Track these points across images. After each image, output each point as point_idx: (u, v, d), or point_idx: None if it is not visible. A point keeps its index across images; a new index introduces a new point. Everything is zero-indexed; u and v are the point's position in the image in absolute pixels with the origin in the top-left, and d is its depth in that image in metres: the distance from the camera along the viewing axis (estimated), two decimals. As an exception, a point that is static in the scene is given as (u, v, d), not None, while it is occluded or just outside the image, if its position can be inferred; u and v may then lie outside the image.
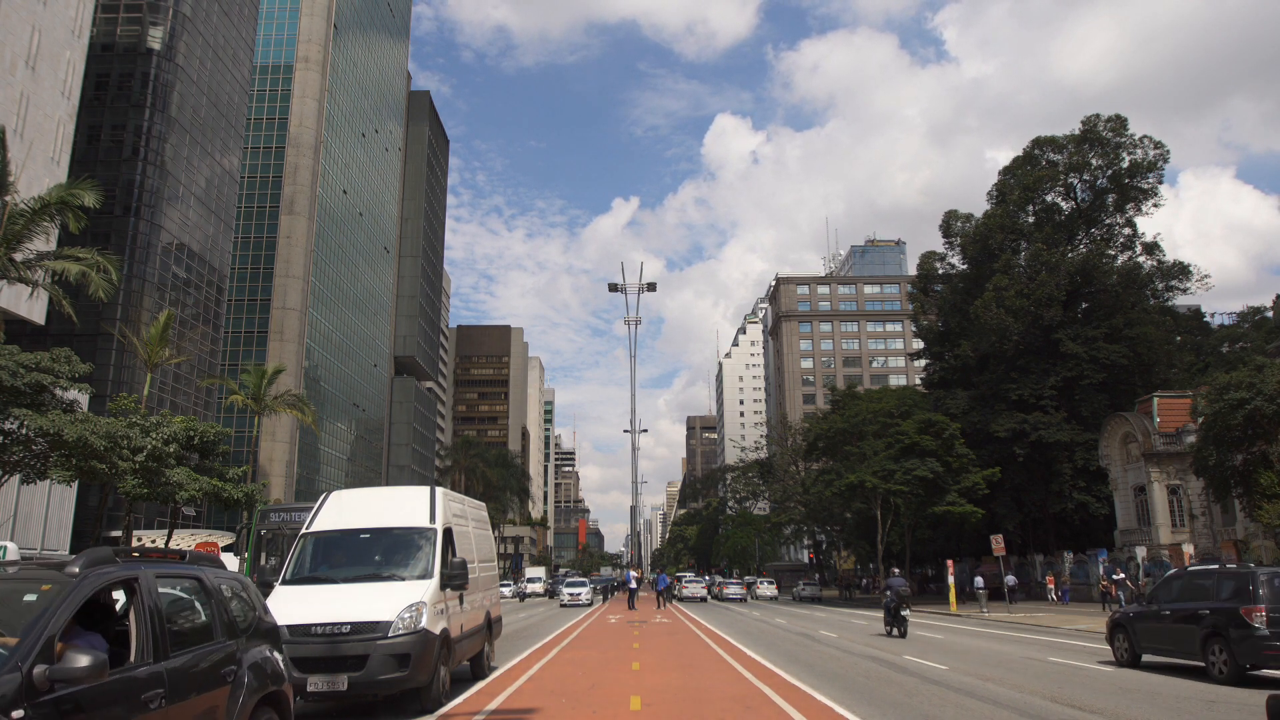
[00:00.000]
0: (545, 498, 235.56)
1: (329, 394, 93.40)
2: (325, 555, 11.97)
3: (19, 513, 46.73)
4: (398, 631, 10.20)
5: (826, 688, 13.18)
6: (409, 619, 10.35)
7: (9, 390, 21.78)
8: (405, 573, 11.39)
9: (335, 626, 10.14)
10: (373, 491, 13.72)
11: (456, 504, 13.92)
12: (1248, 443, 29.47)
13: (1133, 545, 43.45)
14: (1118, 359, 50.93)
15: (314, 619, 10.19)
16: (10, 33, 47.80)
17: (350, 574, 11.58)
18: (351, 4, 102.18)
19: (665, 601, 45.62)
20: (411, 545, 11.82)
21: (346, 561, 11.91)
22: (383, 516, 12.35)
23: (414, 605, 10.48)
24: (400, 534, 12.02)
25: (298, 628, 10.04)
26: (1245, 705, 11.68)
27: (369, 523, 12.26)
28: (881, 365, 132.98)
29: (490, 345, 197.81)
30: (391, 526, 12.12)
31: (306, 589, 11.12)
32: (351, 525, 12.19)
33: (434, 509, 12.24)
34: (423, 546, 11.74)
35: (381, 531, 12.12)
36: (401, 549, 11.84)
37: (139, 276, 61.78)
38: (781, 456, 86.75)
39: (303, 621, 10.14)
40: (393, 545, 11.95)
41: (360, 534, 12.14)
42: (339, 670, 9.94)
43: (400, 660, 10.07)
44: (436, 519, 12.06)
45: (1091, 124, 54.98)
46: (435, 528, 11.92)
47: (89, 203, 27.70)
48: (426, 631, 10.44)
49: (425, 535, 11.86)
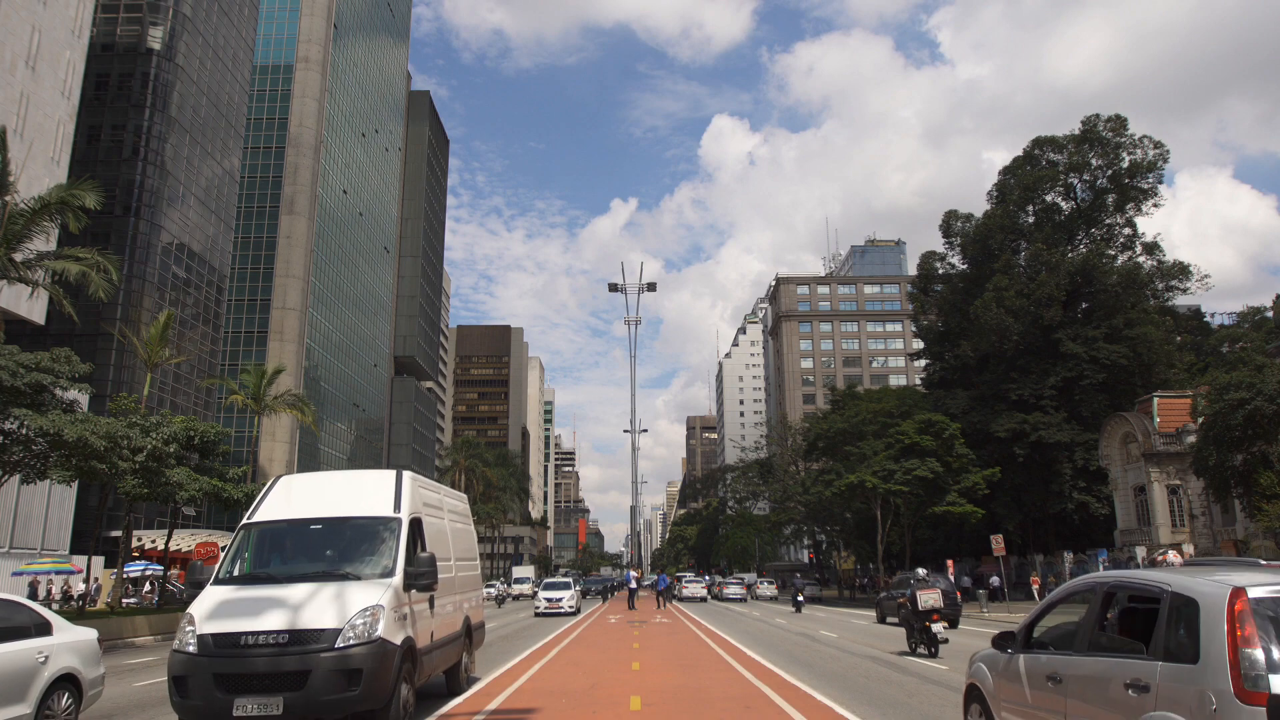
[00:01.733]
0: (545, 498, 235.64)
1: (329, 394, 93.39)
2: (267, 550, 10.33)
3: (19, 513, 46.74)
4: (348, 641, 8.57)
5: (826, 688, 13.18)
6: (362, 626, 8.70)
7: (9, 390, 21.77)
8: (362, 571, 9.64)
9: (270, 636, 8.52)
10: (329, 476, 11.78)
11: (430, 492, 12.13)
12: (1248, 443, 29.48)
13: (1133, 545, 43.45)
14: (1118, 359, 50.91)
15: (244, 627, 8.60)
16: (10, 33, 47.79)
17: (296, 572, 9.73)
18: (352, 4, 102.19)
19: (665, 601, 45.62)
20: (371, 538, 10.07)
21: (292, 557, 10.20)
22: (338, 504, 10.51)
23: (369, 610, 8.83)
24: (358, 525, 10.24)
25: (223, 638, 8.56)
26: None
27: (322, 511, 10.41)
28: (881, 365, 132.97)
29: (490, 345, 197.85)
30: (348, 516, 10.31)
31: (241, 590, 9.42)
32: (301, 514, 10.38)
33: (399, 496, 10.46)
34: (384, 540, 9.97)
35: (336, 522, 10.31)
36: (358, 542, 10.10)
37: (139, 276, 61.77)
38: (781, 456, 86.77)
39: (229, 630, 8.60)
40: (348, 538, 10.20)
41: (310, 525, 10.32)
42: (273, 690, 8.34)
43: (350, 677, 8.47)
44: (402, 508, 10.29)
45: (1091, 124, 55.00)
46: (400, 518, 10.14)
47: (89, 204, 27.69)
48: (384, 641, 8.78)
49: (388, 526, 10.08)
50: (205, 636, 8.60)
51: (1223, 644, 4.88)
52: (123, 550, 33.76)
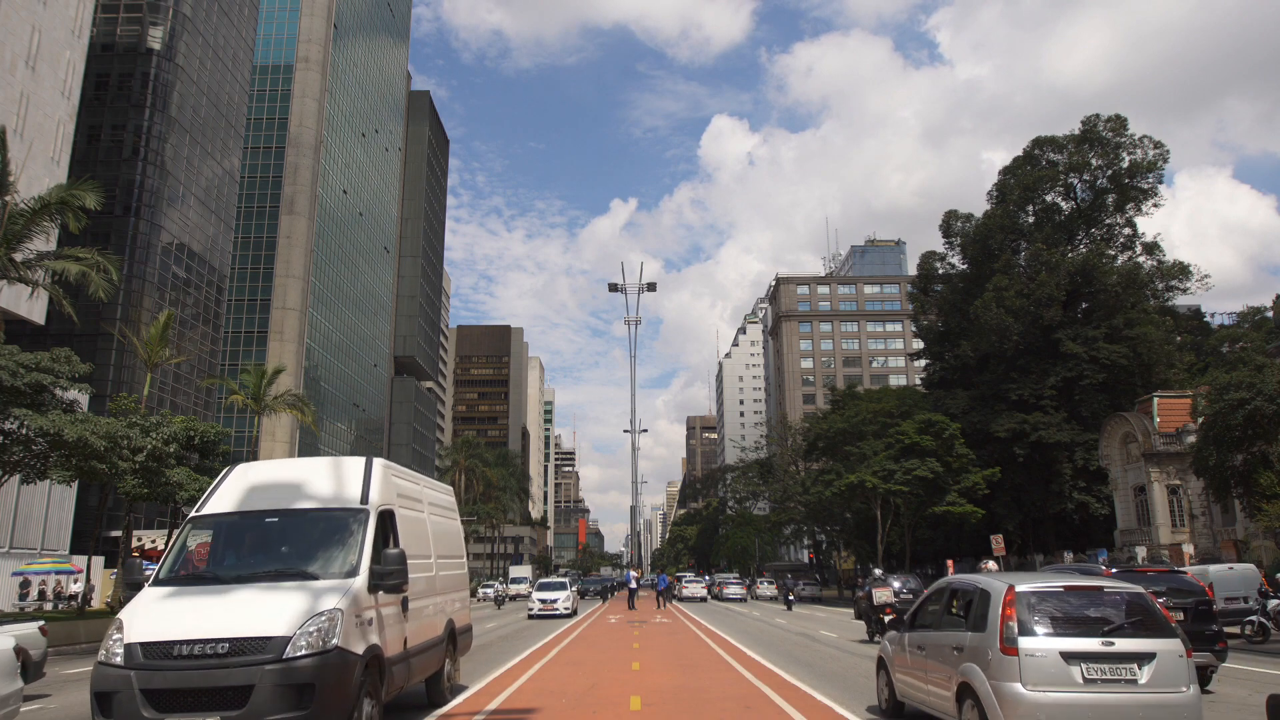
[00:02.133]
0: (545, 498, 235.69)
1: (329, 394, 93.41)
2: (216, 546, 9.33)
3: (19, 513, 46.74)
4: (298, 651, 7.56)
5: (826, 687, 13.19)
6: (316, 633, 7.68)
7: (9, 390, 21.78)
8: (321, 569, 8.62)
9: (207, 645, 7.53)
10: (292, 463, 10.62)
11: (407, 482, 11.06)
12: (1248, 443, 29.45)
13: (1133, 545, 43.45)
14: (1118, 359, 50.92)
15: (178, 634, 7.62)
16: (10, 33, 47.80)
17: (246, 571, 8.76)
18: (352, 4, 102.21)
19: (665, 601, 45.63)
20: (333, 533, 9.04)
21: (244, 555, 9.21)
22: (298, 495, 9.46)
23: (325, 614, 7.81)
24: (319, 518, 9.22)
25: (154, 647, 7.56)
26: (1245, 705, 11.68)
27: (279, 503, 9.38)
28: (881, 365, 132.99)
29: (490, 345, 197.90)
30: (308, 508, 9.29)
31: (181, 593, 8.39)
32: (255, 506, 9.34)
33: (368, 486, 9.44)
34: (348, 534, 8.95)
35: (294, 514, 9.27)
36: (319, 538, 9.07)
37: (139, 276, 61.78)
38: (781, 456, 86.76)
39: (163, 638, 7.61)
40: (307, 533, 9.17)
41: (265, 518, 9.29)
42: (210, 708, 7.39)
43: (299, 692, 7.49)
44: (370, 498, 9.28)
45: (1091, 124, 55.02)
46: (367, 509, 9.14)
47: (89, 204, 27.71)
48: (341, 651, 7.76)
49: (353, 519, 9.06)
50: (134, 646, 7.64)
51: (998, 619, 7.87)
52: (123, 550, 33.78)
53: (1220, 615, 22.25)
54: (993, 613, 7.99)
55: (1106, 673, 7.53)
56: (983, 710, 7.79)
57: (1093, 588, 8.26)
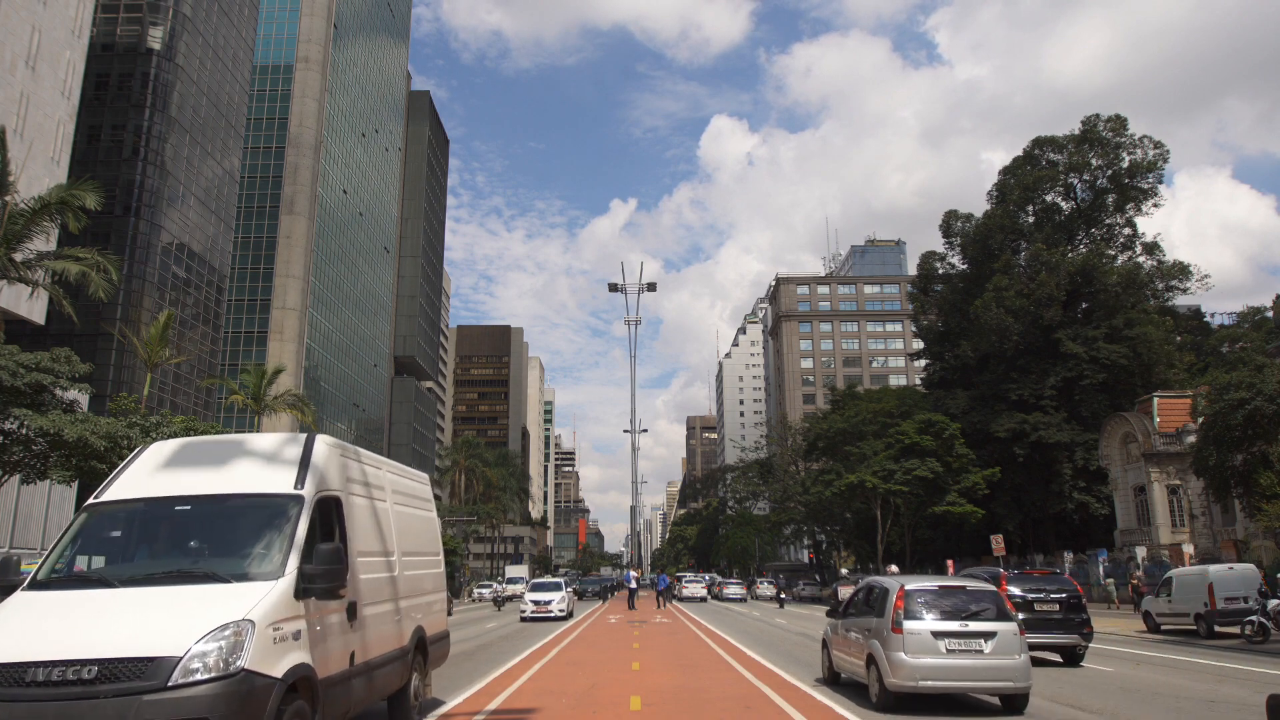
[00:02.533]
0: (545, 498, 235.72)
1: (329, 394, 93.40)
2: (113, 541, 7.70)
3: (19, 513, 46.73)
4: (190, 677, 5.87)
5: (826, 686, 13.20)
6: (215, 653, 5.98)
7: (9, 390, 21.78)
8: (236, 569, 6.96)
9: (71, 669, 5.84)
10: (218, 440, 8.86)
11: (364, 466, 9.31)
12: (1248, 443, 29.44)
13: (1133, 545, 43.45)
14: (1118, 359, 50.93)
15: (36, 654, 5.93)
16: (10, 33, 47.80)
17: (141, 572, 7.09)
18: (352, 4, 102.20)
19: (665, 601, 45.61)
20: (257, 524, 7.39)
21: (144, 552, 7.55)
22: (221, 479, 7.80)
23: (230, 627, 6.13)
24: (241, 506, 7.55)
25: (5, 671, 5.88)
26: (1245, 705, 11.69)
27: (195, 488, 7.68)
28: (881, 365, 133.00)
29: (490, 345, 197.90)
30: (229, 493, 7.64)
31: (57, 599, 6.69)
32: (166, 492, 7.65)
33: (306, 468, 7.77)
34: (276, 527, 7.27)
35: (211, 502, 7.58)
36: (239, 530, 7.43)
37: (139, 276, 61.77)
38: (781, 456, 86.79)
39: (17, 659, 5.92)
40: (225, 524, 7.52)
41: (175, 506, 7.56)
42: None
43: None
44: (308, 482, 7.62)
45: (1091, 124, 55.04)
46: (302, 496, 7.48)
47: (89, 204, 27.67)
48: (250, 675, 6.05)
49: (284, 508, 7.39)
50: None
51: (891, 609, 11.09)
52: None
53: (1220, 615, 22.44)
54: (889, 605, 11.23)
55: (962, 645, 10.80)
56: (879, 672, 11.08)
57: (957, 587, 11.69)
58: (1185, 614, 23.98)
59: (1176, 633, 24.47)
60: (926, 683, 10.67)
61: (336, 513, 8.05)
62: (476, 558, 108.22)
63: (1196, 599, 23.46)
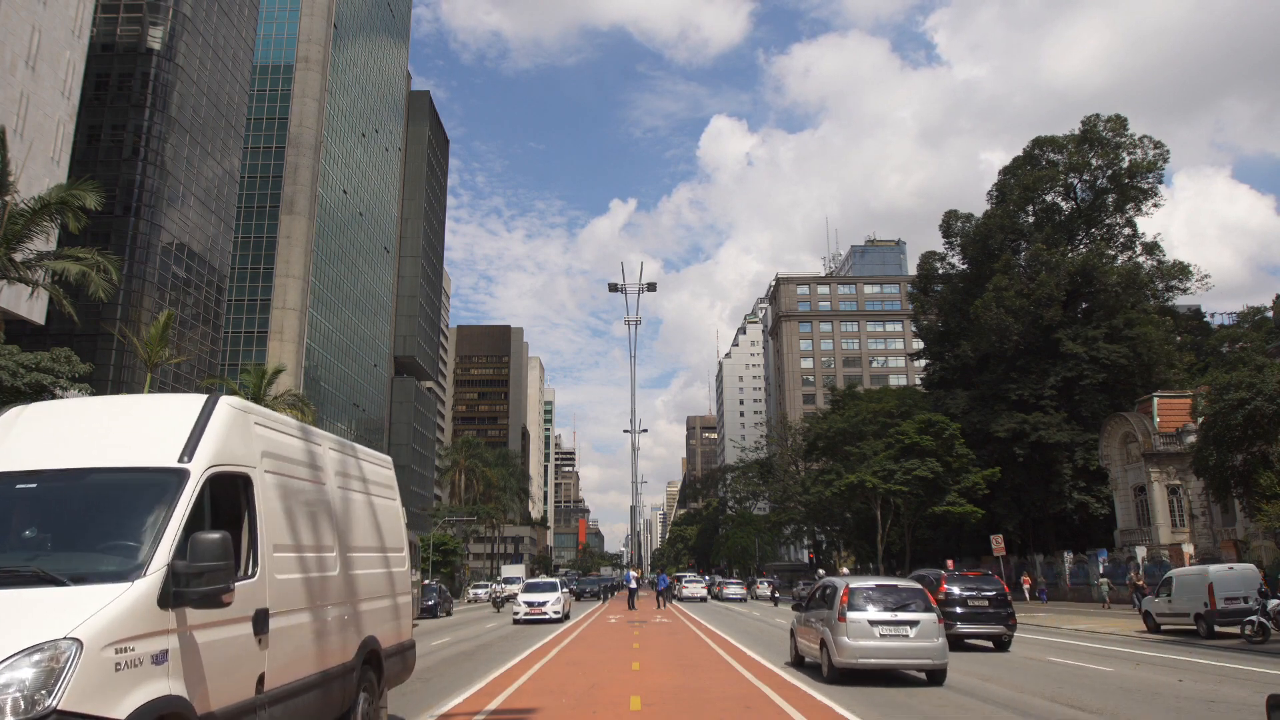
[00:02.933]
0: (545, 498, 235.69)
1: (329, 394, 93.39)
2: None
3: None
4: None
5: (826, 687, 13.20)
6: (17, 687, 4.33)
7: (9, 390, 21.80)
8: (80, 566, 5.29)
9: None
10: (92, 403, 7.13)
11: (289, 438, 7.41)
12: (1248, 443, 29.45)
13: (1133, 545, 43.46)
14: (1118, 359, 50.93)
15: None
16: (10, 33, 47.80)
17: None
18: (352, 4, 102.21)
19: (665, 601, 45.62)
20: (120, 507, 5.73)
21: None
22: (83, 450, 6.00)
23: (39, 652, 4.46)
24: (101, 483, 5.82)
25: None
26: (1245, 705, 11.69)
27: (47, 461, 5.95)
28: (881, 365, 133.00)
29: (490, 345, 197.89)
30: (88, 468, 5.87)
31: None
32: (8, 466, 5.94)
33: (199, 436, 5.99)
34: (146, 510, 5.57)
35: (63, 477, 5.87)
36: (95, 514, 5.74)
37: (139, 276, 61.76)
38: (781, 456, 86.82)
39: None
40: (79, 507, 5.79)
41: (17, 484, 5.86)
42: None
43: None
44: (197, 454, 5.86)
45: (1091, 124, 55.02)
46: (187, 470, 5.75)
47: (89, 204, 27.68)
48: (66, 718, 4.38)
49: (159, 486, 5.65)
50: None
51: (838, 602, 13.81)
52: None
53: (1220, 615, 22.47)
54: (837, 599, 13.94)
55: (892, 631, 13.46)
56: (829, 653, 13.80)
57: (891, 585, 14.53)
58: (1185, 614, 23.99)
59: (1176, 633, 24.47)
60: (865, 660, 13.35)
61: (244, 495, 6.29)
62: (476, 558, 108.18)
63: (1196, 599, 23.47)
